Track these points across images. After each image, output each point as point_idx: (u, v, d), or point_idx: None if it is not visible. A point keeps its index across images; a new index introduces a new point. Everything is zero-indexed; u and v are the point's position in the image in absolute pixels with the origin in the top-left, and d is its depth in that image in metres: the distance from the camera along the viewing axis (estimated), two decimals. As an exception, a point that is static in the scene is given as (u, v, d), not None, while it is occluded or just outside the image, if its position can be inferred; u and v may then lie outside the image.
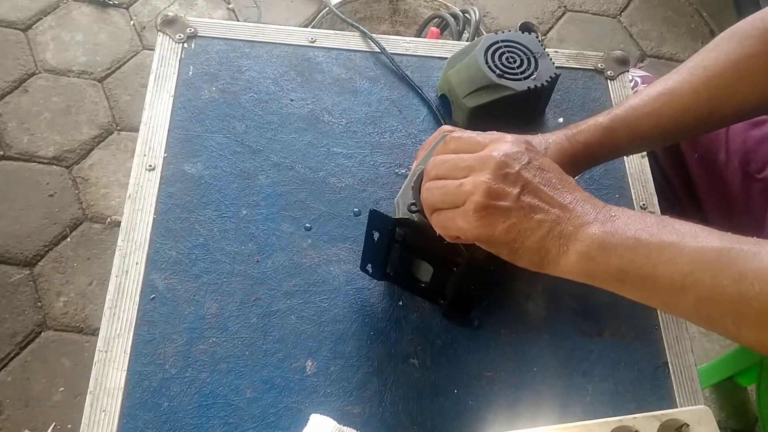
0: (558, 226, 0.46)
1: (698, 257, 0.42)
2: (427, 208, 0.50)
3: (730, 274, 0.41)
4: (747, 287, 0.40)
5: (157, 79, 0.70)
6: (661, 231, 0.44)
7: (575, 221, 0.46)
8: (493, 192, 0.46)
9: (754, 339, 0.42)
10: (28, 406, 1.22)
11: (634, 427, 0.51)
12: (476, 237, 0.47)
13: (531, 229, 0.46)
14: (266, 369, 0.56)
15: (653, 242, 0.43)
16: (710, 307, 0.42)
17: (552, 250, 0.46)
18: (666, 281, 0.43)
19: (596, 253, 0.45)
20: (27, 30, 1.64)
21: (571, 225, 0.46)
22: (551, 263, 0.46)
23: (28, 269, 1.35)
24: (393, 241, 0.54)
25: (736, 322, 0.41)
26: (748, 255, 0.41)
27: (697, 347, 1.41)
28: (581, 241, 0.45)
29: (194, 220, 0.62)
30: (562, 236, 0.46)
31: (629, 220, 0.45)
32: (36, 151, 1.47)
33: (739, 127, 0.79)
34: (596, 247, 0.45)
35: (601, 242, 0.44)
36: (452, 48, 0.77)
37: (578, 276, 0.46)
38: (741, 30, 0.62)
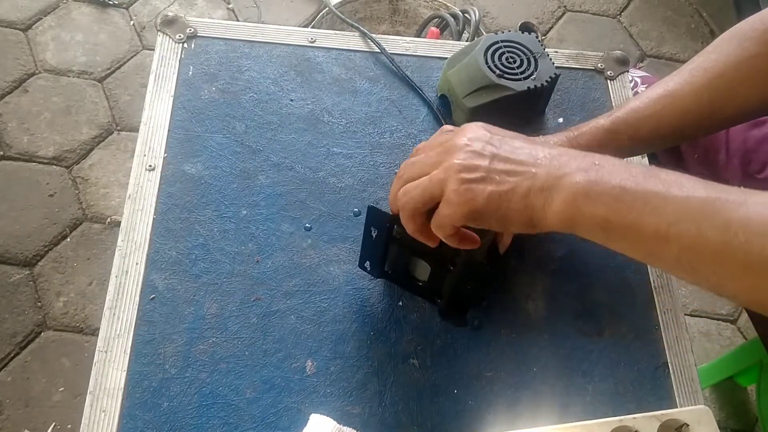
0: (536, 181, 0.46)
1: (683, 206, 0.42)
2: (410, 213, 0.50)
3: (715, 224, 0.40)
4: (731, 237, 0.40)
5: (157, 79, 0.70)
6: (647, 180, 0.43)
7: (554, 173, 0.46)
8: (465, 168, 0.47)
9: (735, 290, 0.41)
10: (28, 406, 1.22)
11: (634, 427, 0.51)
12: (464, 217, 0.47)
13: (510, 191, 0.46)
14: (266, 369, 0.56)
15: (639, 191, 0.43)
16: (693, 257, 0.41)
17: (536, 205, 0.46)
18: (650, 230, 0.42)
19: (581, 202, 0.44)
20: (27, 30, 1.64)
21: (551, 178, 0.46)
22: (539, 219, 0.46)
23: (28, 269, 1.35)
24: (391, 239, 0.54)
25: (718, 272, 0.41)
26: (733, 205, 0.40)
27: (697, 347, 1.41)
28: (565, 190, 0.45)
29: (194, 221, 0.62)
30: (544, 190, 0.46)
31: (614, 169, 0.45)
32: (36, 151, 1.47)
33: (739, 128, 0.79)
34: (581, 196, 0.44)
35: (586, 191, 0.44)
36: (452, 48, 0.77)
37: (564, 226, 0.46)
38: (741, 31, 0.62)
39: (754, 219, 0.39)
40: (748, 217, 0.40)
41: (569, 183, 0.45)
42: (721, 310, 1.47)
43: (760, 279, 0.39)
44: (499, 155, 0.48)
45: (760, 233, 0.39)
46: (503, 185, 0.46)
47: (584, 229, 0.45)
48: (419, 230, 0.51)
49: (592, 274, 0.64)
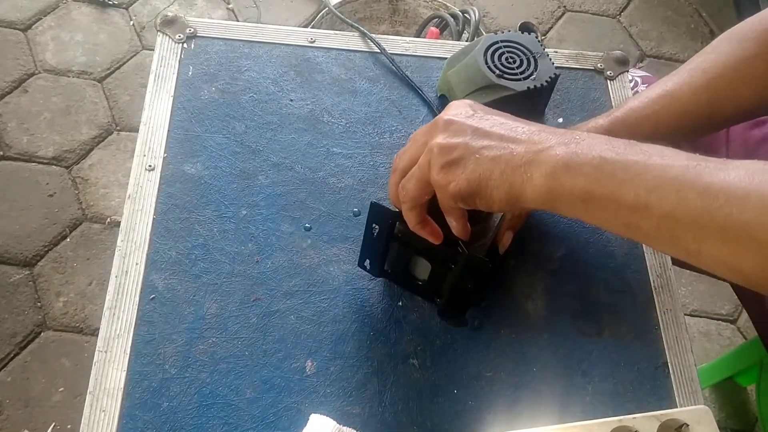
0: (515, 157, 0.46)
1: (664, 173, 0.41)
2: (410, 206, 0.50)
3: (695, 188, 0.40)
4: (711, 200, 0.39)
5: (156, 80, 0.70)
6: (628, 150, 0.43)
7: (534, 148, 0.45)
8: (445, 148, 0.47)
9: (714, 257, 0.41)
10: (27, 407, 1.22)
11: (634, 427, 0.51)
12: (452, 198, 0.48)
13: (490, 169, 0.46)
14: (266, 369, 0.56)
15: (619, 161, 0.43)
16: (673, 224, 0.41)
17: (516, 180, 0.45)
18: (630, 199, 0.42)
19: (561, 174, 0.44)
20: (27, 30, 1.64)
21: (530, 152, 0.45)
22: (520, 195, 0.46)
23: (28, 269, 1.35)
24: (392, 236, 0.54)
25: (698, 238, 0.41)
26: (713, 170, 0.40)
27: (697, 347, 1.41)
28: (545, 164, 0.45)
29: (194, 221, 0.63)
30: (524, 164, 0.45)
31: (594, 142, 0.45)
32: (36, 151, 1.48)
33: (739, 128, 0.79)
34: (561, 168, 0.44)
35: (566, 162, 0.44)
36: (452, 48, 0.77)
37: (545, 201, 0.45)
38: (740, 32, 0.62)
39: (734, 183, 0.39)
40: (728, 181, 0.39)
41: (549, 156, 0.45)
42: (721, 310, 1.47)
43: (740, 243, 0.39)
44: (479, 130, 0.48)
45: (740, 196, 0.39)
46: (483, 164, 0.46)
47: (564, 203, 0.45)
48: (421, 223, 0.51)
49: (592, 274, 0.64)
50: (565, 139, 0.45)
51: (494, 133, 0.47)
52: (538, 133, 0.47)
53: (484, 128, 0.48)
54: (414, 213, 0.51)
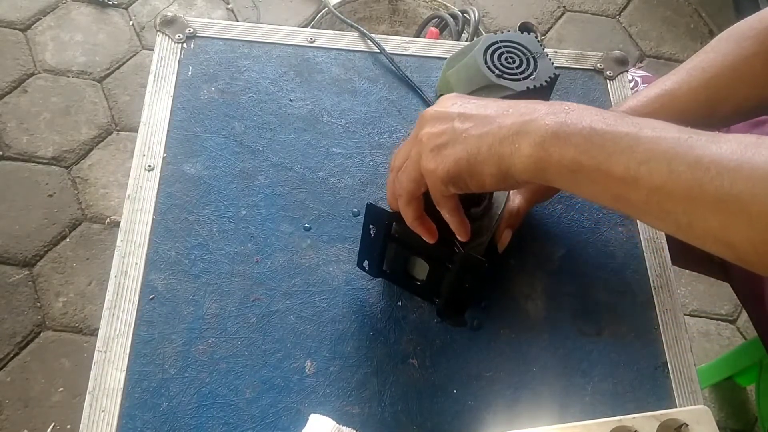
0: (503, 129, 0.45)
1: (654, 145, 0.41)
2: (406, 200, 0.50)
3: (686, 160, 0.40)
4: (702, 172, 0.39)
5: (156, 80, 0.70)
6: (618, 122, 0.43)
7: (521, 119, 0.45)
8: (433, 135, 0.48)
9: (704, 231, 0.40)
10: (27, 407, 1.22)
11: (634, 427, 0.51)
12: (443, 183, 0.47)
13: (477, 145, 0.46)
14: (265, 369, 0.56)
15: (609, 131, 0.42)
16: (663, 197, 0.41)
17: (505, 152, 0.45)
18: (620, 171, 0.42)
19: (549, 144, 0.43)
20: (26, 30, 1.64)
21: (518, 123, 0.45)
22: (509, 167, 0.45)
23: (28, 269, 1.35)
24: (389, 237, 0.54)
25: (688, 212, 0.40)
26: (705, 143, 0.40)
27: (697, 347, 1.41)
28: (533, 133, 0.44)
29: (193, 221, 0.62)
30: (511, 135, 0.45)
31: (585, 112, 0.44)
32: (35, 151, 1.48)
33: (739, 127, 0.79)
34: (549, 137, 0.43)
35: (555, 132, 0.43)
36: (451, 48, 0.77)
37: (535, 172, 0.45)
38: (739, 31, 0.62)
39: (726, 155, 0.39)
40: (720, 153, 0.39)
41: (537, 126, 0.44)
42: (721, 310, 1.47)
43: (731, 216, 0.39)
44: (465, 113, 0.48)
45: (732, 168, 0.38)
46: (469, 142, 0.46)
47: (553, 174, 0.44)
48: (418, 219, 0.51)
49: (592, 274, 0.64)
50: (554, 109, 0.45)
51: (479, 114, 0.47)
52: (525, 105, 0.46)
53: (469, 111, 0.48)
54: (411, 208, 0.50)
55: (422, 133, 0.48)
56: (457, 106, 0.49)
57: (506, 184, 0.47)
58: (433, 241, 0.52)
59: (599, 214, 0.67)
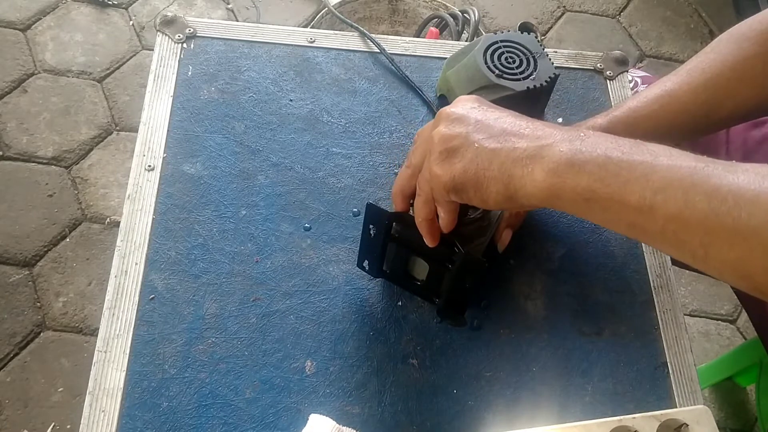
0: (517, 150, 0.45)
1: (671, 174, 0.40)
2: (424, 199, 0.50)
3: (703, 190, 0.39)
4: (719, 203, 0.38)
5: (156, 80, 0.70)
6: (634, 150, 0.42)
7: (537, 143, 0.44)
8: (445, 137, 0.47)
9: (721, 262, 0.40)
10: (27, 407, 1.22)
11: (634, 427, 0.51)
12: (445, 189, 0.47)
13: (489, 159, 0.45)
14: (265, 369, 0.56)
15: (625, 160, 0.42)
16: (679, 228, 0.40)
17: (516, 173, 0.44)
18: (635, 200, 0.41)
19: (564, 170, 0.43)
20: (26, 30, 1.64)
21: (533, 147, 0.44)
22: (518, 189, 0.45)
23: (28, 269, 1.35)
24: (389, 237, 0.54)
25: (704, 243, 0.39)
26: (722, 172, 0.39)
27: (697, 347, 1.41)
28: (548, 159, 0.44)
29: (193, 221, 0.63)
30: (525, 158, 0.44)
31: (599, 140, 0.44)
32: (35, 151, 1.48)
33: (739, 128, 0.79)
34: (564, 164, 0.43)
35: (569, 159, 0.43)
36: (451, 48, 0.77)
37: (546, 198, 0.44)
38: (740, 32, 0.62)
39: (743, 186, 0.38)
40: (737, 184, 0.38)
41: (552, 152, 0.44)
42: (721, 310, 1.47)
43: (748, 248, 0.38)
44: (481, 122, 0.47)
45: (749, 199, 0.38)
46: (481, 154, 0.45)
47: (565, 201, 0.44)
48: (429, 220, 0.51)
49: (592, 274, 0.64)
50: (570, 136, 0.44)
51: (497, 126, 0.47)
52: (542, 129, 0.46)
53: (487, 120, 0.47)
54: (426, 209, 0.50)
55: (435, 132, 0.48)
56: (476, 111, 0.48)
57: (509, 205, 0.47)
58: (434, 245, 0.52)
59: (599, 214, 0.67)
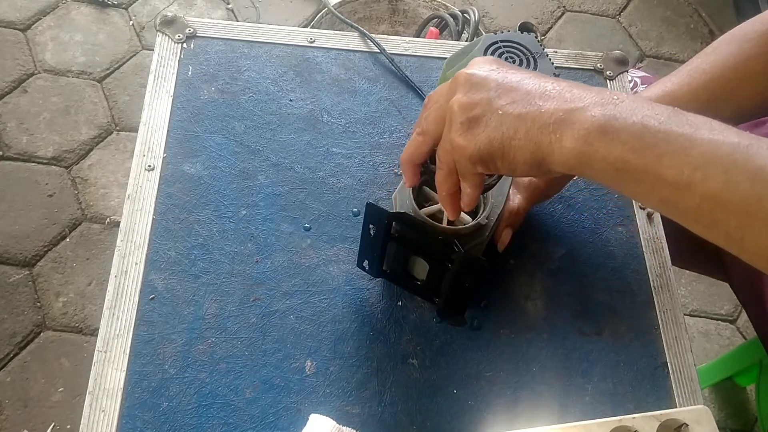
0: (544, 114, 0.41)
1: (712, 150, 0.37)
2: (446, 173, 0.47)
3: (746, 170, 0.37)
4: (762, 185, 0.36)
5: (156, 80, 0.70)
6: (672, 119, 0.39)
7: (565, 106, 0.41)
8: (465, 105, 0.44)
9: (758, 246, 0.38)
10: (27, 407, 1.22)
11: (633, 427, 0.51)
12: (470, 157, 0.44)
13: (514, 127, 0.42)
14: (265, 369, 0.56)
15: (662, 130, 0.39)
16: (716, 207, 0.38)
17: (544, 141, 0.41)
18: (671, 174, 0.38)
19: (595, 138, 0.40)
20: (26, 30, 1.64)
21: (561, 110, 0.41)
22: (546, 157, 0.42)
23: (28, 269, 1.35)
24: (389, 236, 0.54)
25: (742, 225, 0.37)
26: (767, 152, 0.37)
27: (697, 347, 1.41)
28: (578, 125, 0.40)
29: (193, 221, 0.63)
30: (553, 123, 0.41)
31: (635, 105, 0.40)
32: (35, 151, 1.48)
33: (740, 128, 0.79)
34: (595, 131, 0.40)
35: (602, 126, 0.40)
36: (451, 48, 0.77)
37: (575, 166, 0.42)
38: (740, 33, 0.62)
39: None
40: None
41: (583, 118, 0.40)
42: (721, 310, 1.47)
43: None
44: (503, 85, 0.43)
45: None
46: (505, 122, 0.42)
47: (596, 170, 0.41)
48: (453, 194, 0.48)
49: (592, 274, 0.64)
50: (602, 99, 0.41)
51: (521, 88, 0.43)
52: (570, 90, 0.42)
53: (509, 83, 0.43)
54: (448, 183, 0.48)
55: (454, 100, 0.44)
56: (496, 73, 0.44)
57: (539, 172, 0.44)
58: (456, 218, 0.51)
59: (599, 214, 0.67)
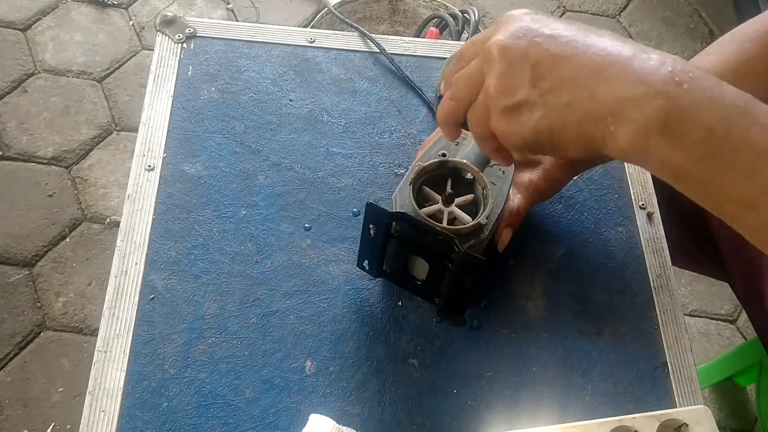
0: (597, 103, 0.36)
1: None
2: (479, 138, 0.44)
3: None
4: None
5: (156, 80, 0.70)
6: (742, 123, 0.35)
7: (623, 93, 0.36)
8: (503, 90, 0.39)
9: None
10: (27, 407, 1.22)
11: (634, 427, 0.51)
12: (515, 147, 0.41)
13: (562, 119, 0.37)
14: (265, 369, 0.56)
15: (730, 139, 0.34)
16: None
17: (596, 135, 0.37)
18: (737, 192, 0.35)
19: (654, 140, 0.35)
20: (26, 30, 1.64)
21: (616, 101, 0.36)
22: (600, 150, 0.38)
23: (28, 269, 1.35)
24: (389, 236, 0.54)
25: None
26: None
27: (697, 347, 1.41)
28: (633, 123, 0.35)
29: (193, 221, 0.62)
30: (606, 116, 0.36)
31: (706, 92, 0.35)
32: (35, 151, 1.48)
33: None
34: (655, 132, 0.35)
35: (662, 124, 0.35)
36: (451, 48, 0.77)
37: (630, 161, 0.38)
38: (741, 33, 0.62)
39: None
40: None
41: (642, 112, 0.35)
42: (721, 310, 1.47)
43: None
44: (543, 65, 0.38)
45: None
46: (552, 112, 0.38)
47: (652, 169, 0.38)
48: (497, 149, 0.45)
49: (592, 274, 0.64)
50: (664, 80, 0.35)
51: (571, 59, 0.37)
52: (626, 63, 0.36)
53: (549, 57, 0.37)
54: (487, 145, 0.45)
55: (490, 81, 0.39)
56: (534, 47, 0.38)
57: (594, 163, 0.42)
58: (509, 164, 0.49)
59: (599, 214, 0.67)
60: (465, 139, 0.59)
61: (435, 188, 0.56)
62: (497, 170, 0.58)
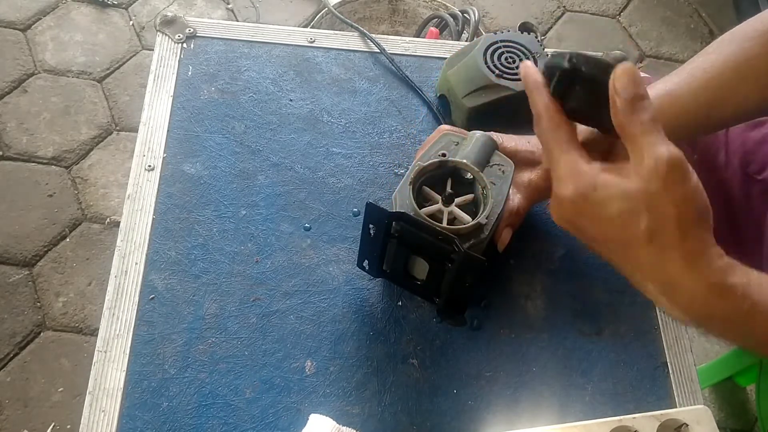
0: (645, 288, 0.43)
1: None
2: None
3: None
4: None
5: (156, 80, 0.70)
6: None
7: (664, 293, 0.42)
8: (567, 222, 0.47)
9: None
10: (27, 407, 1.22)
11: (634, 427, 0.51)
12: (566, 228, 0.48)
13: (617, 262, 0.44)
14: (265, 369, 0.56)
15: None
16: None
17: (648, 288, 0.43)
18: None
19: (695, 323, 0.42)
20: (26, 30, 1.63)
21: (661, 294, 0.42)
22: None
23: (28, 269, 1.35)
24: (389, 236, 0.54)
25: None
26: None
27: (697, 347, 1.41)
28: (676, 304, 0.42)
29: (193, 221, 0.62)
30: (655, 297, 0.43)
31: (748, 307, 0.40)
32: (35, 151, 1.47)
33: (738, 128, 0.79)
34: (693, 323, 0.42)
35: (698, 323, 0.42)
36: (451, 48, 0.77)
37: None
38: (741, 32, 0.62)
39: None
40: None
41: (682, 313, 0.42)
42: (721, 310, 1.47)
43: None
44: (598, 241, 0.45)
45: None
46: (606, 255, 0.45)
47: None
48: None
49: (592, 274, 0.64)
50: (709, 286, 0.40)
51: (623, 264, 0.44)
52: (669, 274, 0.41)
53: (598, 243, 0.45)
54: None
55: (559, 208, 0.47)
56: (589, 239, 0.46)
57: None
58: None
59: (599, 214, 0.67)
60: (465, 139, 0.59)
61: (435, 188, 0.56)
62: (497, 170, 0.58)
